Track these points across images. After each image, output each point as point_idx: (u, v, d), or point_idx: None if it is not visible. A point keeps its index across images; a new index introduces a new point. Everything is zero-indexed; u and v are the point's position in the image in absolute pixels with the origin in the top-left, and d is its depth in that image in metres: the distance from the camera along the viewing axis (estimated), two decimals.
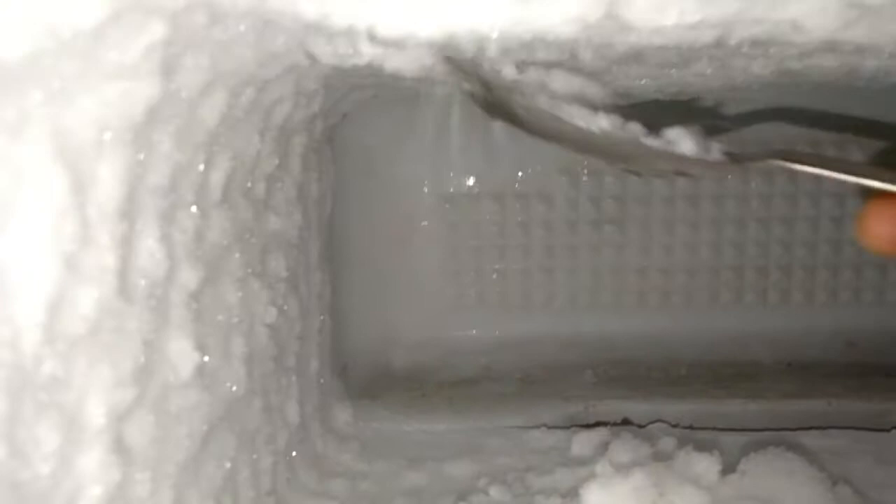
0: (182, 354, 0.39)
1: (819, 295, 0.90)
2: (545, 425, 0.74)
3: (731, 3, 0.30)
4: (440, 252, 0.91)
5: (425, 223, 0.90)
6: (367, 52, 0.33)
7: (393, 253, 0.90)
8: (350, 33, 0.31)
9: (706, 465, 0.50)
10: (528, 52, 0.37)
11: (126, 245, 0.33)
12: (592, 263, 0.90)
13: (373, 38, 0.31)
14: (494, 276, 0.91)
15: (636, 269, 0.90)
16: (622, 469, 0.48)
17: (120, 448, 0.33)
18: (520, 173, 0.88)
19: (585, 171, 0.88)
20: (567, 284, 0.91)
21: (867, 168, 0.31)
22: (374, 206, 0.87)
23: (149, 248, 0.35)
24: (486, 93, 0.40)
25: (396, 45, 0.31)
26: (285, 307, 0.59)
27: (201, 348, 0.41)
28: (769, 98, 0.73)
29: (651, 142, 0.36)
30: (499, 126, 0.92)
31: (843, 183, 0.31)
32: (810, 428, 0.70)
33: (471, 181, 0.89)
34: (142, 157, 0.33)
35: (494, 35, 0.31)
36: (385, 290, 0.91)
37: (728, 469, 0.52)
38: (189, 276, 0.40)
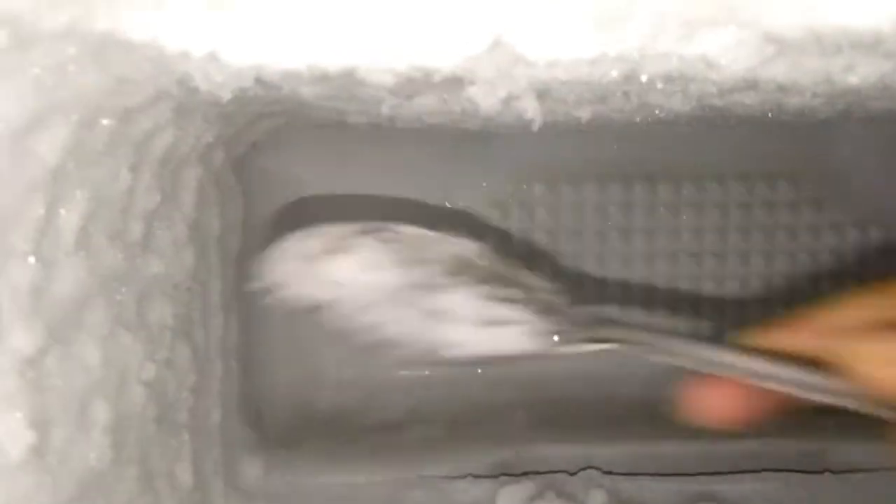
0: (10, 434, 0.33)
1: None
2: (471, 475, 0.70)
3: (632, 36, 0.27)
4: None
5: None
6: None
7: None
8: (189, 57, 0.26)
9: None
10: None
11: None
12: None
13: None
14: None
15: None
16: None
17: None
18: (447, 204, 0.84)
19: (516, 204, 0.85)
20: None
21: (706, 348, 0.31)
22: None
23: None
24: None
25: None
26: (172, 359, 0.52)
27: (39, 424, 0.35)
28: None
29: None
30: (426, 154, 0.86)
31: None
32: (744, 472, 0.68)
33: (396, 213, 0.84)
34: None
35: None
36: (305, 327, 0.85)
37: None
38: (23, 341, 0.34)
